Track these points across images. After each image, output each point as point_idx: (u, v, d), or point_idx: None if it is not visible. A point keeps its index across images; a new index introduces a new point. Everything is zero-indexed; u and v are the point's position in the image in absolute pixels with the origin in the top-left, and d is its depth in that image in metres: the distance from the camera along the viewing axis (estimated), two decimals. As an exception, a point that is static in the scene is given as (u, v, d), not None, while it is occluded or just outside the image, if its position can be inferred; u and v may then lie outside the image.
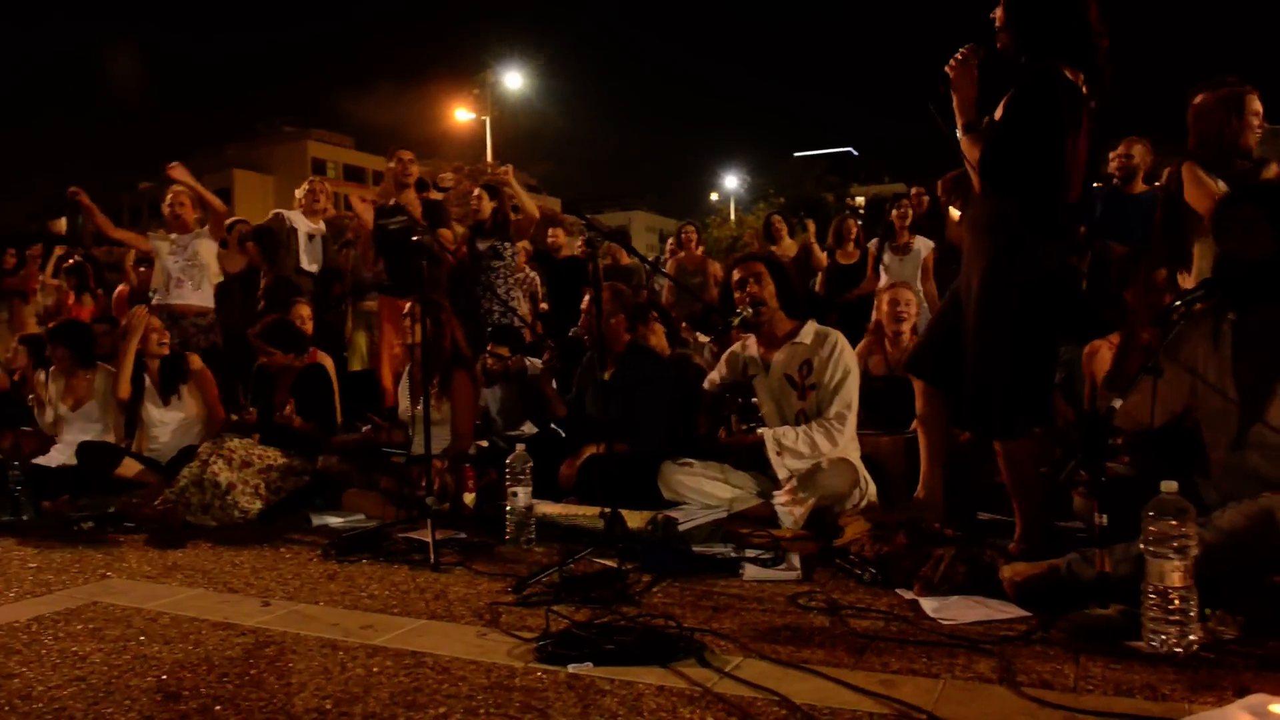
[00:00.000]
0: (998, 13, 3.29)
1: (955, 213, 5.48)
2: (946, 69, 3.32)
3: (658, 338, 5.47)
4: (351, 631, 2.74)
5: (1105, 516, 2.58)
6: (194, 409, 5.48)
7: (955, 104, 3.30)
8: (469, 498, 4.40)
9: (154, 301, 6.66)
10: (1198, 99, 4.10)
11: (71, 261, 9.34)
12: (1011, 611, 2.73)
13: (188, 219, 6.81)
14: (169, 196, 6.88)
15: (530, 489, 3.85)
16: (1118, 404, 2.75)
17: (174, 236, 6.77)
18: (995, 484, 3.60)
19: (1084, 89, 3.16)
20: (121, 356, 5.42)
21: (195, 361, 5.57)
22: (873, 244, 7.64)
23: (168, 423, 5.42)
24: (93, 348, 5.63)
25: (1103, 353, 3.96)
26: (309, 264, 7.08)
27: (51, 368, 5.66)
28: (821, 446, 3.93)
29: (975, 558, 3.00)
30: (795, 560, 3.37)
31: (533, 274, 8.64)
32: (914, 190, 7.86)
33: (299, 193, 7.32)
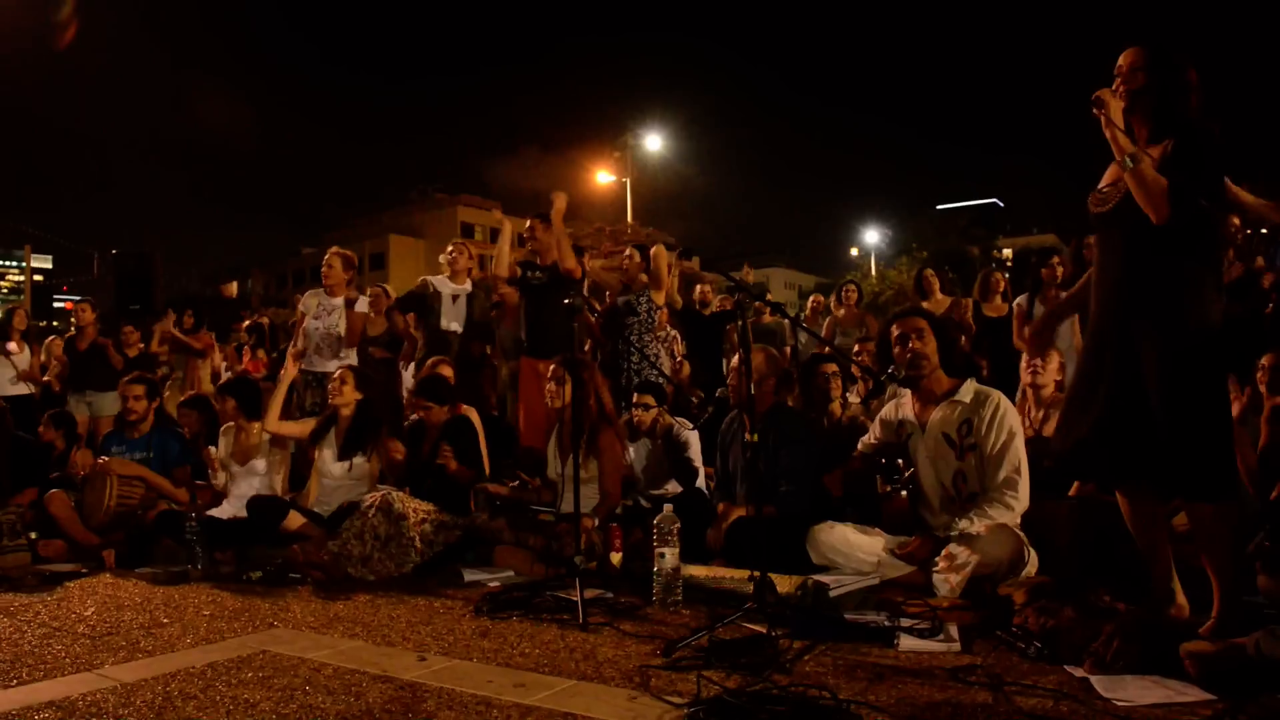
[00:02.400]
0: (1140, 60, 3.16)
1: None
2: (1098, 96, 3.14)
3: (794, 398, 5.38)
4: (504, 689, 2.78)
5: (1299, 593, 2.40)
6: (367, 470, 5.61)
7: (1112, 135, 3.12)
8: (616, 557, 4.43)
9: (301, 365, 6.81)
10: None
11: (249, 322, 9.96)
12: (1194, 694, 2.54)
13: (334, 283, 6.79)
14: (326, 256, 6.94)
15: (678, 550, 3.84)
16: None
17: (320, 299, 6.82)
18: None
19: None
20: (269, 401, 5.77)
21: (385, 432, 5.67)
22: (1020, 300, 7.08)
23: (339, 477, 5.57)
24: (260, 403, 5.93)
25: (1288, 415, 3.70)
26: (450, 323, 7.26)
27: (223, 426, 6.00)
28: (999, 519, 3.77)
29: (1151, 634, 2.82)
30: (953, 631, 3.25)
31: (673, 332, 8.70)
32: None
33: (443, 258, 7.60)
